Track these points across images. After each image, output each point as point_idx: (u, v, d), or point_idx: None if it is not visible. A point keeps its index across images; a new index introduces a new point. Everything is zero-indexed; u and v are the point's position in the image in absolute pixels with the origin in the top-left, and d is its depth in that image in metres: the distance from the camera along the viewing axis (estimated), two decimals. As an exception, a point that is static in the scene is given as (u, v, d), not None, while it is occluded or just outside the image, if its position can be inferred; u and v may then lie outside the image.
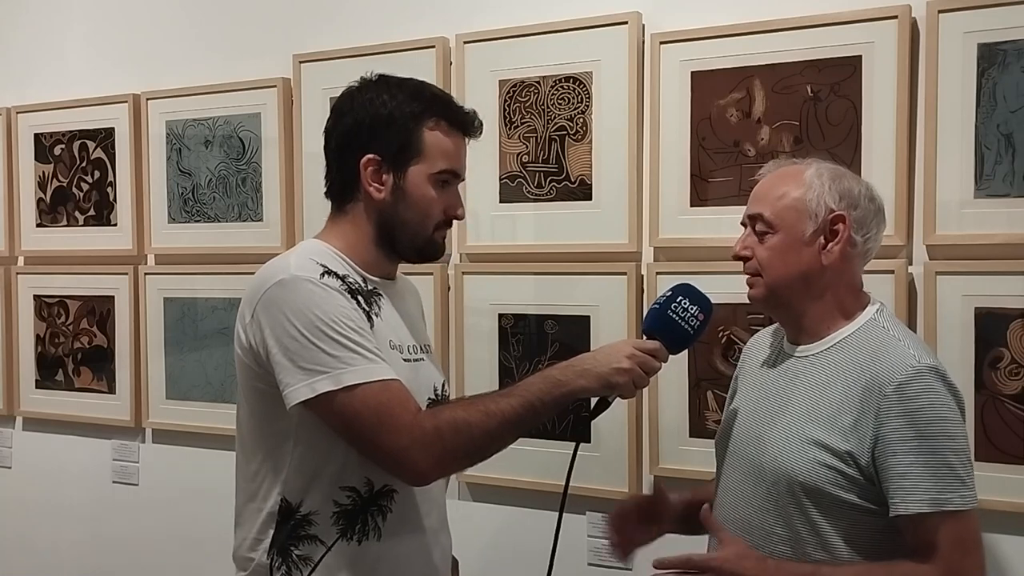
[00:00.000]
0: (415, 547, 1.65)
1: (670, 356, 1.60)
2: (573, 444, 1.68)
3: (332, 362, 1.47)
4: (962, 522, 1.44)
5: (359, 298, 1.58)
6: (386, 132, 1.59)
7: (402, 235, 1.62)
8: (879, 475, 1.46)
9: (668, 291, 1.62)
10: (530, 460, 2.29)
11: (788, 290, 1.58)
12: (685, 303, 1.59)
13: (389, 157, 1.60)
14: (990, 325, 1.89)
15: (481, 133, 1.68)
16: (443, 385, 1.75)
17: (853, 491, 1.48)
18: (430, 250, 1.66)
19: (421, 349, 1.71)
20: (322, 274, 1.54)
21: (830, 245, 1.55)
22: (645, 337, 1.61)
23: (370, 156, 1.60)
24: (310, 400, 1.48)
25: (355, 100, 1.64)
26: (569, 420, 2.27)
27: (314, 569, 1.57)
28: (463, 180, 1.68)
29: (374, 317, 1.59)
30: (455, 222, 1.69)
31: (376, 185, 1.60)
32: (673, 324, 1.58)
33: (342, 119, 1.64)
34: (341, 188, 1.65)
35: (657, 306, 1.60)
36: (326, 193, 1.69)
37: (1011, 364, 1.88)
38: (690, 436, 2.17)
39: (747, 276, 1.63)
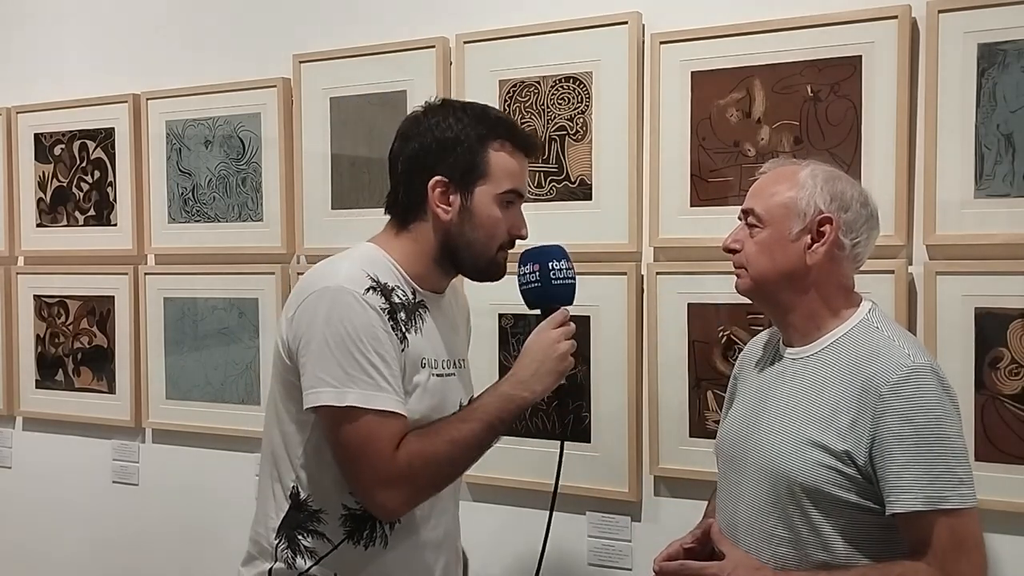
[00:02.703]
0: (421, 558, 1.67)
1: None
2: (567, 443, 1.72)
3: (343, 378, 1.51)
4: (960, 520, 1.44)
5: (401, 313, 1.60)
6: (453, 154, 1.62)
7: (467, 255, 1.66)
8: (876, 474, 1.47)
9: (527, 267, 1.68)
10: (530, 460, 2.29)
11: (772, 285, 1.60)
12: (557, 264, 1.67)
13: (456, 178, 1.62)
14: (990, 325, 1.89)
15: (541, 153, 1.72)
16: (469, 401, 1.73)
17: (852, 490, 1.49)
18: (492, 270, 1.69)
19: (454, 364, 1.73)
20: (368, 288, 1.56)
21: (816, 245, 1.56)
22: (540, 312, 1.68)
23: (438, 178, 1.62)
24: (315, 408, 1.53)
25: (421, 124, 1.66)
26: (569, 420, 2.27)
27: (318, 563, 1.61)
28: (525, 199, 1.72)
29: (412, 333, 1.61)
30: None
31: (444, 206, 1.63)
32: (563, 288, 1.67)
33: (408, 143, 1.67)
34: (406, 208, 1.67)
35: (537, 284, 1.67)
36: (387, 210, 1.72)
37: (1011, 364, 1.88)
38: (690, 436, 2.17)
39: (734, 268, 1.65)
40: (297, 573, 1.61)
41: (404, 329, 1.60)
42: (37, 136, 3.08)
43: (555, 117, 2.30)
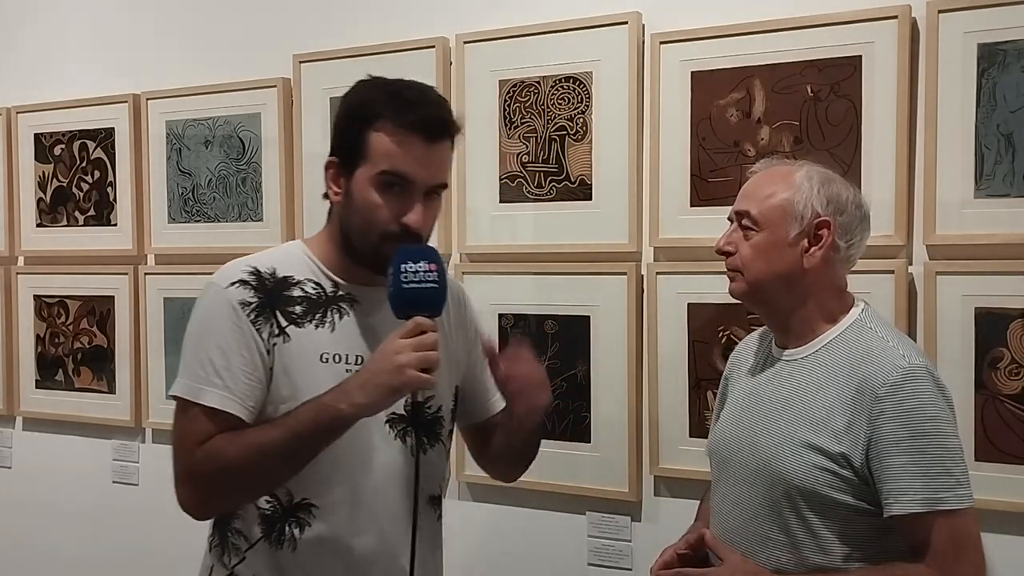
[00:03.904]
0: (338, 568, 1.56)
1: (441, 314, 1.50)
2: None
3: (181, 369, 1.54)
4: (958, 521, 1.44)
5: (296, 307, 1.53)
6: (344, 134, 1.55)
7: (354, 242, 1.54)
8: (873, 476, 1.46)
9: (390, 270, 1.46)
10: (530, 460, 2.29)
11: (768, 289, 1.58)
12: (410, 266, 1.44)
13: (343, 159, 1.54)
14: (990, 325, 1.89)
15: (446, 133, 1.53)
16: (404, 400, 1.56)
17: (848, 492, 1.48)
18: (376, 261, 1.50)
19: None
20: (234, 282, 1.54)
21: (813, 249, 1.54)
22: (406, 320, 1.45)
23: (331, 158, 1.57)
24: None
25: (340, 104, 1.61)
26: (569, 419, 2.27)
27: (240, 561, 1.58)
28: (429, 186, 1.51)
29: (309, 326, 1.53)
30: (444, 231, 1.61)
31: (334, 188, 1.56)
32: (417, 293, 1.45)
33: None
34: (325, 194, 1.61)
35: (391, 288, 1.46)
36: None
37: (1011, 364, 1.88)
38: (690, 436, 2.17)
39: (728, 271, 1.63)
40: (226, 572, 1.59)
41: (289, 322, 1.52)
42: (37, 136, 3.08)
43: (555, 117, 2.30)
